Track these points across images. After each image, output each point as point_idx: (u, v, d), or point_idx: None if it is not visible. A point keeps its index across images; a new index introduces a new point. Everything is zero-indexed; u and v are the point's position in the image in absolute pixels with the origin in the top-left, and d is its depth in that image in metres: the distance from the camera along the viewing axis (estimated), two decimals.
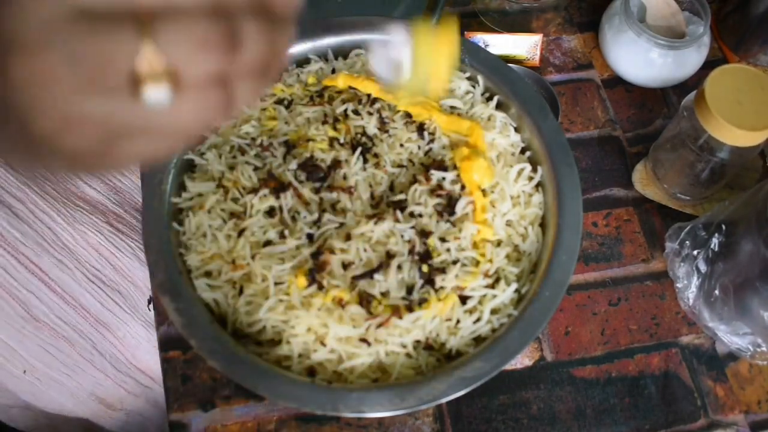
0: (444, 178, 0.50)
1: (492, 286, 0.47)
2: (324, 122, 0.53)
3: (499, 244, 0.49)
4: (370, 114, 0.54)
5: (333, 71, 0.57)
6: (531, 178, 0.52)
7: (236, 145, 0.53)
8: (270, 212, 0.49)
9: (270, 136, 0.53)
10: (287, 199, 0.49)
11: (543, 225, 0.51)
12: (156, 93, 0.22)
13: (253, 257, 0.47)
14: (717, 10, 0.73)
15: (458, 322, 0.46)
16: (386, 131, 0.53)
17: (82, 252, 0.68)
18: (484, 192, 0.50)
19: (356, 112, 0.54)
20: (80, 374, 0.72)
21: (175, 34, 0.21)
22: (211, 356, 0.44)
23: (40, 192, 0.65)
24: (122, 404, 0.78)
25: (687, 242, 0.56)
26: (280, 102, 0.55)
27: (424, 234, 0.48)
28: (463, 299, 0.46)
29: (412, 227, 0.48)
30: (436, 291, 0.46)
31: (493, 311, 0.47)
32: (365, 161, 0.52)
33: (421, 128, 0.53)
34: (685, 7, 0.68)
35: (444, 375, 0.43)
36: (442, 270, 0.47)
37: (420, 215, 0.49)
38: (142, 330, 0.73)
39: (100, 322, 0.70)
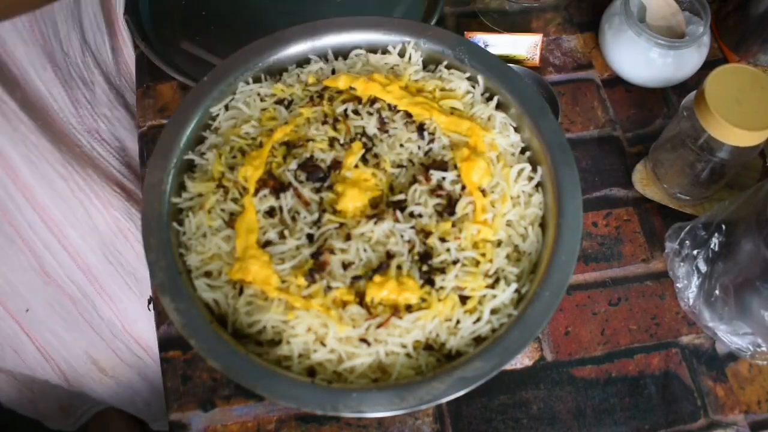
0: (444, 178, 0.50)
1: (492, 286, 0.47)
2: (324, 122, 0.53)
3: (499, 244, 0.49)
4: (370, 114, 0.54)
5: (333, 71, 0.57)
6: (531, 178, 0.52)
7: (236, 145, 0.53)
8: (270, 212, 0.49)
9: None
10: (287, 199, 0.49)
11: (543, 225, 0.51)
12: None
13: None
14: (717, 10, 0.73)
15: (458, 322, 0.46)
16: (386, 131, 0.53)
17: (107, 233, 0.71)
18: (483, 192, 0.50)
19: (356, 112, 0.54)
20: (77, 331, 0.75)
21: None
22: (211, 356, 0.44)
23: (82, 173, 0.68)
24: (114, 371, 0.83)
25: (687, 242, 0.56)
26: (280, 102, 0.55)
27: (424, 234, 0.48)
28: (463, 299, 0.46)
29: (412, 227, 0.48)
30: (437, 291, 0.46)
31: (493, 311, 0.47)
32: (365, 161, 0.52)
33: (421, 128, 0.53)
34: (685, 7, 0.68)
35: (444, 375, 0.43)
36: (442, 270, 0.47)
37: (420, 215, 0.49)
38: (146, 313, 0.75)
39: (105, 292, 0.74)
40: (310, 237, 0.49)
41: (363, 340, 0.45)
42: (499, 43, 0.69)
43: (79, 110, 0.71)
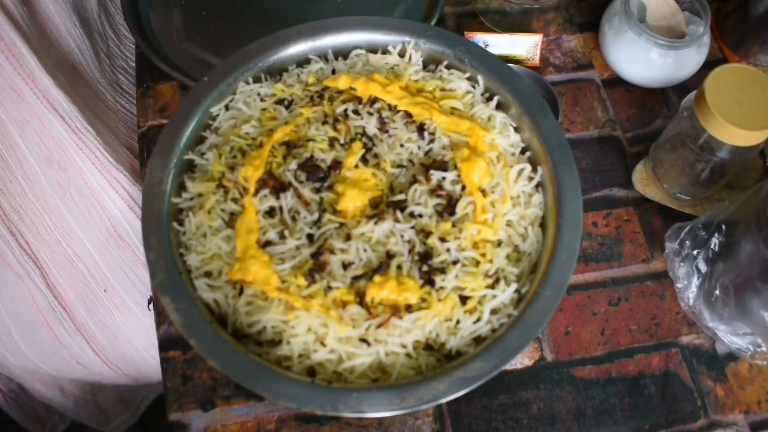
0: (444, 179, 0.50)
1: (492, 287, 0.47)
2: (324, 122, 0.53)
3: (499, 244, 0.49)
4: (370, 114, 0.54)
5: (333, 71, 0.57)
6: (531, 179, 0.52)
7: (236, 145, 0.53)
8: (270, 212, 0.49)
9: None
10: (287, 199, 0.49)
11: (543, 225, 0.51)
12: None
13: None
14: (717, 10, 0.73)
15: (458, 322, 0.46)
16: (386, 131, 0.53)
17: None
18: (484, 192, 0.50)
19: (356, 112, 0.54)
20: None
21: None
22: (211, 356, 0.44)
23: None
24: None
25: (687, 242, 0.56)
26: (280, 102, 0.55)
27: (424, 234, 0.48)
28: (463, 299, 0.46)
29: (412, 227, 0.48)
30: (437, 291, 0.46)
31: (493, 311, 0.47)
32: (365, 161, 0.52)
33: (421, 128, 0.53)
34: (685, 7, 0.68)
35: (444, 375, 0.43)
36: (442, 270, 0.47)
37: (420, 215, 0.49)
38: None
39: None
40: (310, 237, 0.49)
41: (363, 340, 0.45)
42: (499, 43, 0.69)
43: (101, 64, 0.72)
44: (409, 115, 0.54)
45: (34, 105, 0.61)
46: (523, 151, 0.54)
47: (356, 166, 0.51)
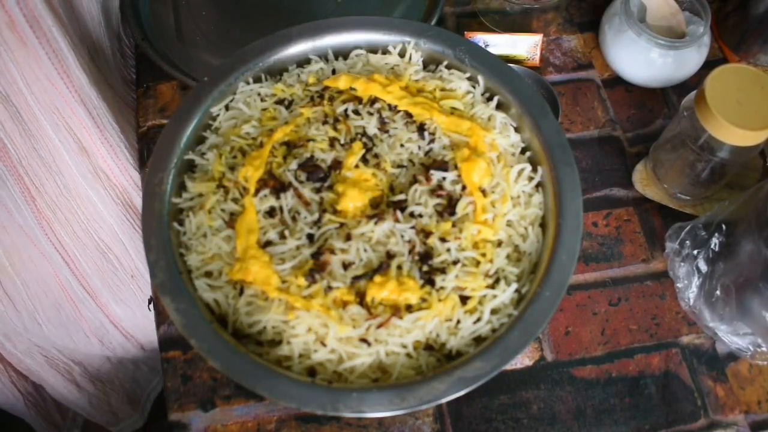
0: (444, 179, 0.50)
1: (492, 287, 0.47)
2: (324, 122, 0.53)
3: (499, 244, 0.49)
4: (371, 114, 0.54)
5: (333, 72, 0.57)
6: (531, 179, 0.52)
7: (237, 145, 0.53)
8: (270, 212, 0.49)
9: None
10: (287, 200, 0.49)
11: (543, 225, 0.51)
12: None
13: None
14: (717, 10, 0.73)
15: (458, 322, 0.46)
16: (386, 131, 0.53)
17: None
18: (484, 192, 0.50)
19: (356, 112, 0.54)
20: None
21: None
22: (211, 356, 0.44)
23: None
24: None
25: (687, 242, 0.56)
26: (280, 102, 0.55)
27: (424, 234, 0.48)
28: (464, 299, 0.46)
29: (413, 227, 0.48)
30: (437, 291, 0.46)
31: (494, 311, 0.47)
32: (366, 161, 0.52)
33: (421, 128, 0.53)
34: (685, 7, 0.68)
35: (444, 375, 0.43)
36: (443, 270, 0.47)
37: (420, 215, 0.49)
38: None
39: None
40: (310, 237, 0.49)
41: (363, 340, 0.45)
42: (499, 43, 0.70)
43: (117, 62, 0.74)
44: (409, 115, 0.54)
45: (67, 98, 0.62)
46: (523, 151, 0.54)
47: (356, 166, 0.51)
